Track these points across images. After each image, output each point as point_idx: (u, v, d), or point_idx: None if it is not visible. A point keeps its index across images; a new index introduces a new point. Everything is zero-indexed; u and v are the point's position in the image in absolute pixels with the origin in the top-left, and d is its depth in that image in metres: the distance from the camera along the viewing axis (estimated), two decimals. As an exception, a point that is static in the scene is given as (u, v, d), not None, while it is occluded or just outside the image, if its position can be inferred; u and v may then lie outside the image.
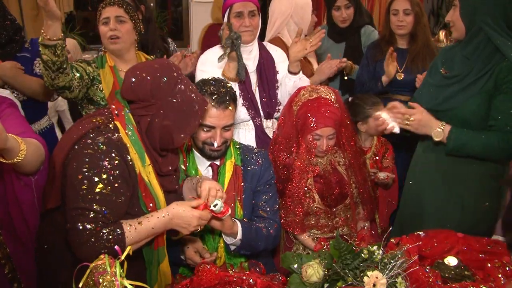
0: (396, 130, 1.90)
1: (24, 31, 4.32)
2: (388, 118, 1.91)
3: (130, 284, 1.17)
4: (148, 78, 1.42)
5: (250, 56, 2.34)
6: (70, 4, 5.48)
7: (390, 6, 2.68)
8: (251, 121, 2.33)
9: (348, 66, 2.83)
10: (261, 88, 2.35)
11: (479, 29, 1.76)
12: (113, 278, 1.15)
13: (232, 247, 1.77)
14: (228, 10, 2.28)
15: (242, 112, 2.27)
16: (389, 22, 2.68)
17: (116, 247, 1.30)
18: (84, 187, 1.36)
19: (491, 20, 1.73)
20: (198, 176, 1.79)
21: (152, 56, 2.41)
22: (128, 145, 1.44)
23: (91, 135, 1.41)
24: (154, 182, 1.50)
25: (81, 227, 1.35)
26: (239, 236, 1.72)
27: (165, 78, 1.42)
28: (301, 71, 2.34)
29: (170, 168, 1.58)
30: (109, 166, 1.38)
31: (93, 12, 6.37)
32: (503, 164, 1.93)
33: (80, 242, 1.35)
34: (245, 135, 2.32)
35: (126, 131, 1.45)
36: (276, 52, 2.45)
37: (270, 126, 2.37)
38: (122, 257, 1.24)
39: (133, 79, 1.42)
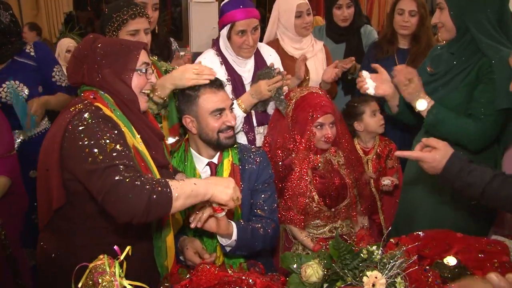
0: (371, 91, 1.96)
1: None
2: (368, 78, 1.96)
3: (129, 284, 1.17)
4: (72, 53, 1.58)
5: (245, 68, 2.34)
6: (70, 4, 5.49)
7: (396, 5, 2.65)
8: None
9: (352, 66, 2.83)
10: None
11: (467, 28, 1.78)
12: (112, 278, 1.15)
13: (228, 248, 1.77)
14: (229, 25, 2.23)
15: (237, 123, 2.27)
16: (392, 21, 2.67)
17: (115, 247, 1.29)
18: (97, 153, 1.32)
19: (482, 17, 1.75)
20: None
21: (154, 57, 2.36)
22: (114, 119, 1.45)
23: (76, 117, 1.40)
24: (147, 153, 1.51)
25: (120, 178, 1.28)
26: (234, 237, 1.72)
27: (82, 43, 1.54)
28: None
29: (159, 133, 1.64)
30: (105, 129, 1.37)
31: (93, 12, 6.38)
32: (495, 162, 1.94)
33: (126, 192, 1.27)
34: (238, 140, 2.32)
35: (109, 108, 1.46)
36: (271, 57, 2.43)
37: (261, 132, 2.37)
38: (122, 257, 1.24)
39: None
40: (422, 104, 1.83)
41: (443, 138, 1.85)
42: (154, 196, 1.28)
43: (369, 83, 1.96)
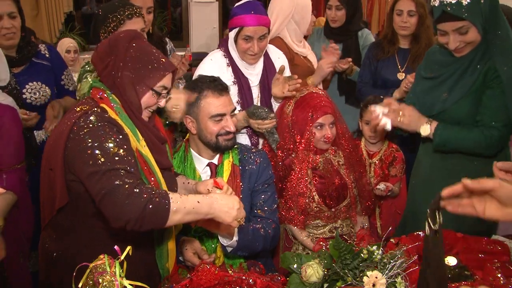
0: (388, 126, 1.90)
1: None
2: (382, 114, 1.91)
3: (130, 284, 1.17)
4: (109, 37, 1.54)
5: (254, 72, 2.31)
6: (70, 4, 5.48)
7: (395, 6, 2.66)
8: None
9: (349, 67, 2.83)
10: (263, 102, 2.32)
11: (488, 35, 1.77)
12: (112, 278, 1.15)
13: (229, 249, 1.77)
14: (237, 29, 2.19)
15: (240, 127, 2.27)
16: (392, 22, 2.68)
17: (115, 247, 1.29)
18: (99, 156, 1.33)
19: (504, 21, 1.76)
20: (192, 180, 1.79)
21: None
22: (119, 122, 1.45)
23: (82, 119, 1.40)
24: (150, 156, 1.51)
25: (120, 183, 1.29)
26: (235, 237, 1.72)
27: (122, 35, 1.51)
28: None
29: (162, 138, 1.62)
30: (110, 133, 1.38)
31: (93, 12, 6.39)
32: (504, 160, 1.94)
33: (123, 197, 1.28)
34: (240, 141, 2.32)
35: (115, 111, 1.46)
36: (279, 60, 2.40)
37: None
38: (122, 257, 1.23)
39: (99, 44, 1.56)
40: (425, 130, 1.83)
41: (461, 152, 1.85)
42: (150, 206, 1.29)
43: (384, 119, 1.90)
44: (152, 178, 1.48)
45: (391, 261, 1.40)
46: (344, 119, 2.25)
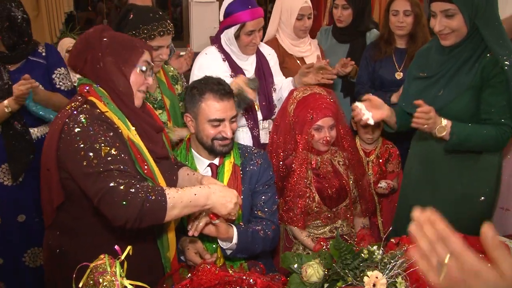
0: (371, 121, 1.93)
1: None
2: (364, 109, 1.93)
3: (130, 284, 1.17)
4: (79, 38, 1.58)
5: (248, 62, 2.35)
6: (70, 4, 5.48)
7: (390, 6, 2.67)
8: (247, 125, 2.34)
9: (353, 70, 2.83)
10: (261, 92, 2.35)
11: (478, 29, 1.77)
12: (113, 278, 1.15)
13: (228, 251, 1.77)
14: (238, 26, 2.26)
15: (241, 120, 2.29)
16: (388, 22, 2.69)
17: (116, 246, 1.29)
18: (91, 157, 1.34)
19: (494, 17, 1.76)
20: (198, 173, 1.79)
21: None
22: (109, 114, 1.45)
23: (71, 118, 1.41)
24: (142, 145, 1.51)
25: (115, 184, 1.31)
26: (235, 240, 1.72)
27: (91, 30, 1.54)
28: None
29: (156, 126, 1.63)
30: (101, 132, 1.39)
31: (93, 13, 6.39)
32: (499, 157, 1.96)
33: (120, 198, 1.30)
34: (243, 137, 2.33)
35: (103, 102, 1.47)
36: (270, 56, 2.47)
37: (267, 127, 2.38)
38: (122, 257, 1.24)
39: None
40: (441, 129, 1.79)
41: (465, 151, 1.85)
42: (148, 204, 1.31)
43: (366, 114, 1.93)
44: (146, 166, 1.49)
45: (392, 261, 1.40)
46: (346, 121, 2.25)
